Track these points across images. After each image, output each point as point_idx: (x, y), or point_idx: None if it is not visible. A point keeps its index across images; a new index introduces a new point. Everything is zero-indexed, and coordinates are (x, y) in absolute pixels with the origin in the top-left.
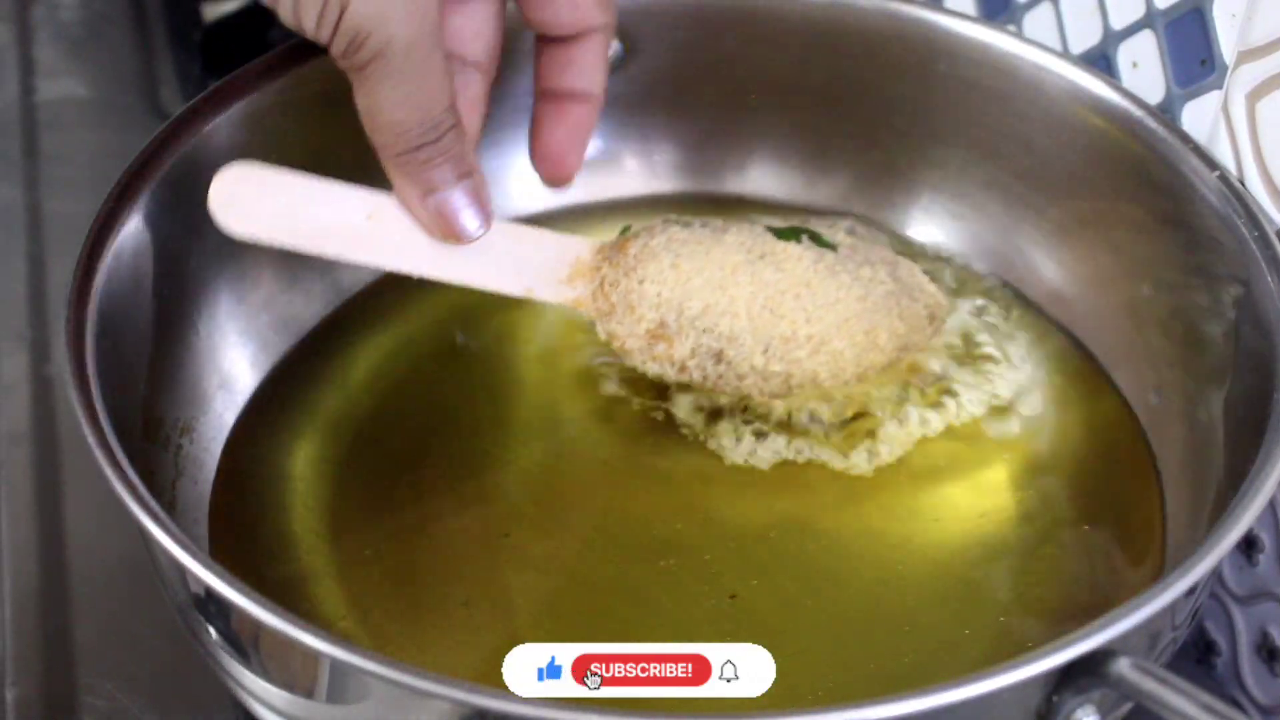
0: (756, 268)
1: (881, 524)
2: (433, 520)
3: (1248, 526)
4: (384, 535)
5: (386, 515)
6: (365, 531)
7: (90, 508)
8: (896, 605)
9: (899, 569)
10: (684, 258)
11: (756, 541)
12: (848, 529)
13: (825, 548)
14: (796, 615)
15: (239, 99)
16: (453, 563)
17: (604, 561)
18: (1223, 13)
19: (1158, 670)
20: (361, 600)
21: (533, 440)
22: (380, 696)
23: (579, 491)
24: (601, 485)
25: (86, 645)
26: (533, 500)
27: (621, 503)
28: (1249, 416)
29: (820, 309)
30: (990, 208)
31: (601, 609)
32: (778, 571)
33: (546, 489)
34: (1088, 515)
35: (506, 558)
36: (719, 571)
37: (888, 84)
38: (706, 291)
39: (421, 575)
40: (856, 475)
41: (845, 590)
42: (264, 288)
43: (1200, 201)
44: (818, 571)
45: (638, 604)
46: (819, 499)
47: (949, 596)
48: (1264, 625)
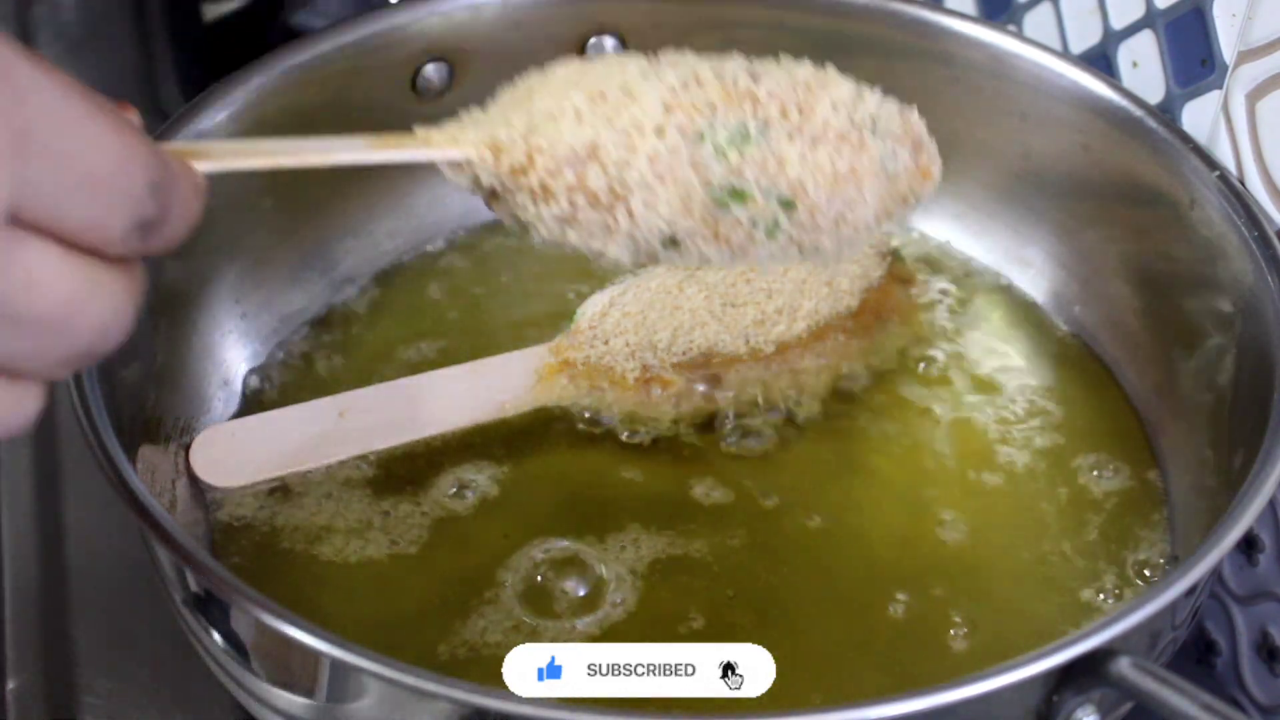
0: (697, 277)
1: (878, 514)
2: (434, 520)
3: (1248, 526)
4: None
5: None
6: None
7: (90, 508)
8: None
9: (896, 561)
10: (632, 303)
11: (754, 537)
12: (847, 521)
13: (824, 542)
14: (796, 615)
15: (239, 99)
16: (454, 564)
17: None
18: (1223, 13)
19: (1158, 670)
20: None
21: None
22: (380, 696)
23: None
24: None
25: (86, 645)
26: (526, 497)
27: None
28: (1249, 416)
29: (774, 283)
30: (990, 208)
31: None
32: (777, 569)
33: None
34: (1089, 512)
35: (507, 557)
36: (719, 571)
37: (887, 84)
38: (667, 317)
39: (421, 575)
40: (853, 466)
41: (845, 587)
42: (264, 287)
43: (1200, 201)
44: (817, 568)
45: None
46: (818, 488)
47: (949, 595)
48: (1264, 625)
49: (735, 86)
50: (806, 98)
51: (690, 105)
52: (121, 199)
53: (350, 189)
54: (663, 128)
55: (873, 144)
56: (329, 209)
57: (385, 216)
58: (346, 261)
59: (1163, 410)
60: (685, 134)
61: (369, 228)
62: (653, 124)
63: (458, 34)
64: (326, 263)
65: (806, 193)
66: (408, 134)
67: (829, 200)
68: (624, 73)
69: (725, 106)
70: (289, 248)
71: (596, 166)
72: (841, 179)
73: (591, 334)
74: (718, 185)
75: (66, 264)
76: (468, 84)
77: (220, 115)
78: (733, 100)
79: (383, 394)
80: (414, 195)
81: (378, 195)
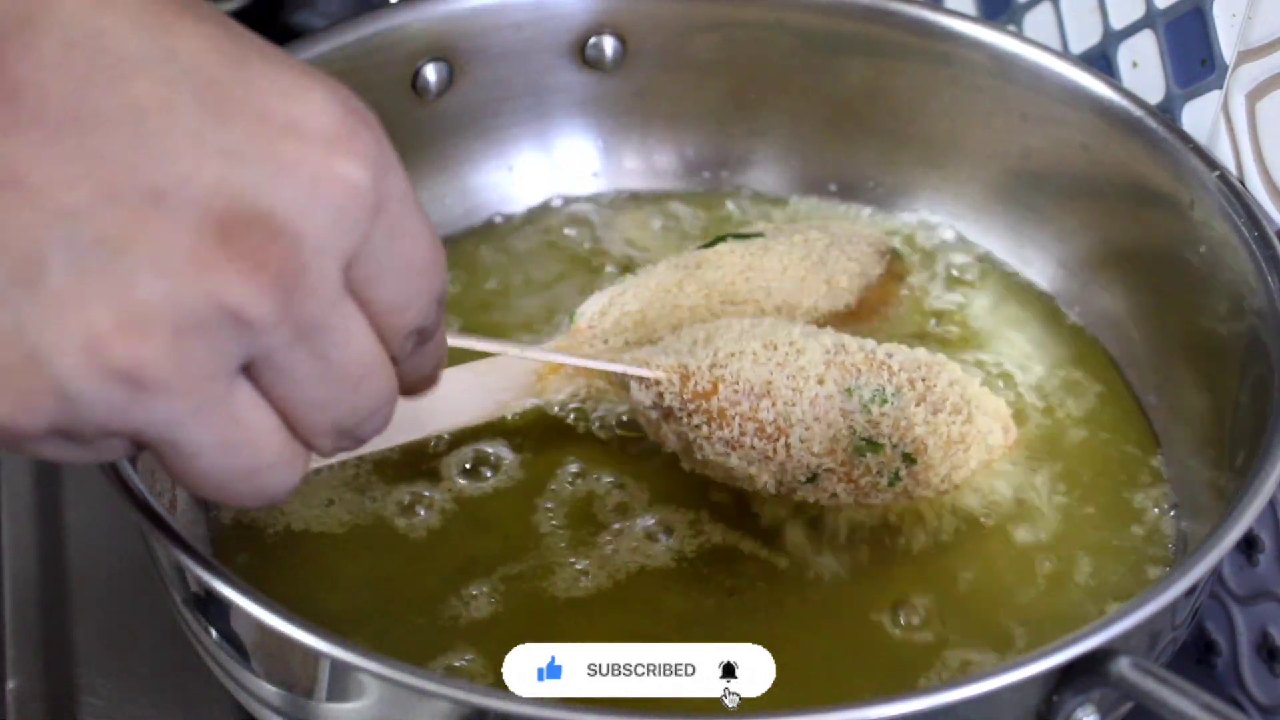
0: (696, 275)
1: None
2: (434, 520)
3: (1248, 526)
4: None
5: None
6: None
7: (90, 508)
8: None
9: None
10: (632, 302)
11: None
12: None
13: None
14: (796, 614)
15: None
16: (454, 564)
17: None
18: (1223, 13)
19: (1158, 670)
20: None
21: (530, 444)
22: (380, 696)
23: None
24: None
25: (86, 645)
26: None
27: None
28: (1249, 416)
29: (773, 281)
30: (990, 208)
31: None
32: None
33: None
34: (1091, 510)
35: (508, 558)
36: (708, 573)
37: (887, 84)
38: (667, 316)
39: (422, 575)
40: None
41: (844, 587)
42: None
43: (1200, 202)
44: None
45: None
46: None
47: (949, 592)
48: (1264, 625)
49: (874, 356)
50: (929, 373)
51: (843, 364)
52: (422, 295)
53: None
54: (824, 378)
55: (978, 418)
56: None
57: None
58: None
59: (1162, 410)
60: (839, 386)
61: None
62: (816, 374)
63: (458, 34)
64: None
65: (926, 450)
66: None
67: (942, 459)
68: (790, 331)
69: (868, 371)
70: None
71: (769, 401)
72: (953, 443)
73: (591, 334)
74: (859, 434)
75: (369, 332)
76: (467, 84)
77: None
78: (873, 367)
79: None
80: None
81: None
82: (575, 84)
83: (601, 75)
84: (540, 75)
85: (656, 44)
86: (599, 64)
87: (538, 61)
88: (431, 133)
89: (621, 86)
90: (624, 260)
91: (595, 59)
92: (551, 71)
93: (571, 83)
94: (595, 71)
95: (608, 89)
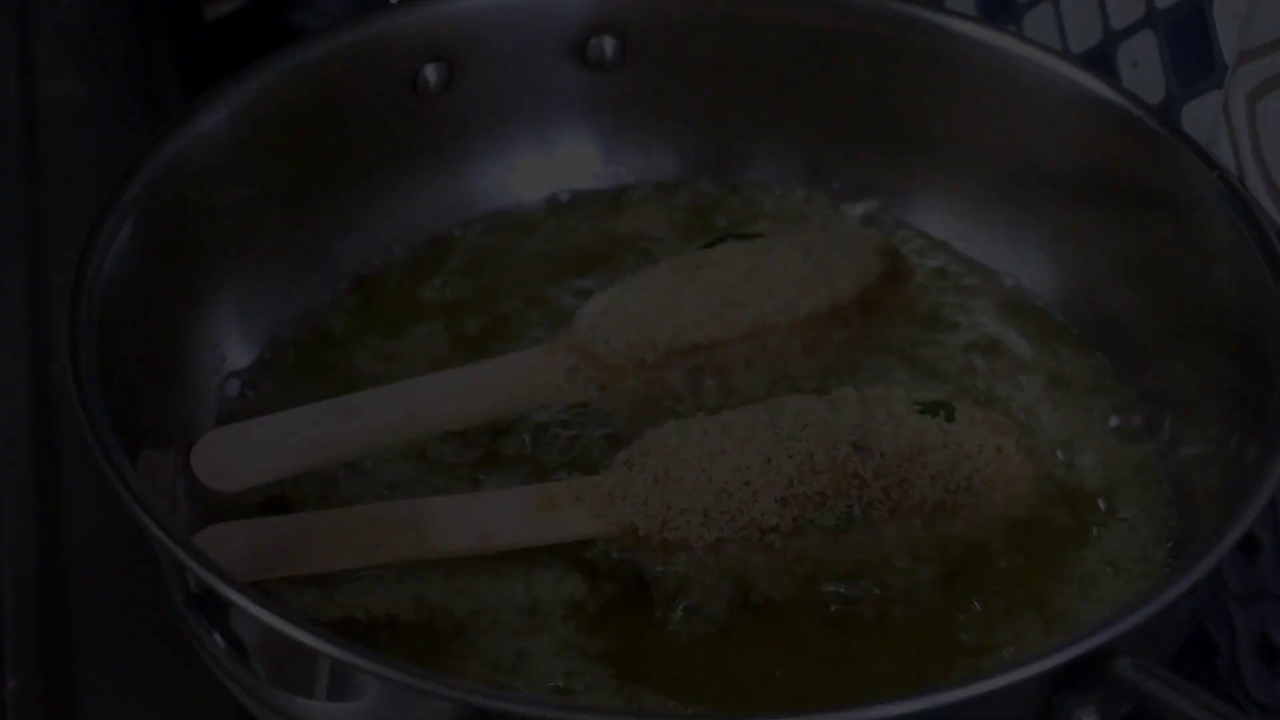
0: (697, 276)
1: None
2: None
3: (1247, 526)
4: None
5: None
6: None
7: (90, 508)
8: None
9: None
10: (632, 303)
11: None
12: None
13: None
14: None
15: (239, 99)
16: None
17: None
18: (1223, 13)
19: (1158, 670)
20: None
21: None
22: (380, 696)
23: None
24: None
25: (86, 645)
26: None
27: None
28: (1248, 416)
29: (774, 282)
30: (990, 208)
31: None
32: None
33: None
34: (1089, 508)
35: (509, 557)
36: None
37: (887, 84)
38: (667, 317)
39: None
40: None
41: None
42: (265, 287)
43: (1200, 201)
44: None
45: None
46: None
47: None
48: (1264, 625)
49: (845, 470)
50: (909, 470)
51: (804, 496)
52: None
53: (350, 190)
54: (778, 526)
55: (964, 501)
56: (329, 210)
57: (385, 218)
58: (347, 262)
59: (1161, 410)
60: (799, 522)
61: (369, 229)
62: (771, 522)
63: (458, 34)
64: (327, 264)
65: (893, 568)
66: (568, 503)
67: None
68: (748, 455)
69: (834, 494)
70: (289, 249)
71: (725, 548)
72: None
73: (591, 334)
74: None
75: None
76: (467, 84)
77: (220, 115)
78: (841, 486)
79: (383, 396)
80: (414, 197)
81: (377, 196)
82: (575, 84)
83: (601, 75)
84: (540, 75)
85: (656, 44)
86: (599, 64)
87: (538, 61)
88: (431, 133)
89: (621, 86)
90: (624, 261)
91: (595, 59)
92: (551, 71)
93: (571, 83)
94: (595, 71)
95: (608, 89)
